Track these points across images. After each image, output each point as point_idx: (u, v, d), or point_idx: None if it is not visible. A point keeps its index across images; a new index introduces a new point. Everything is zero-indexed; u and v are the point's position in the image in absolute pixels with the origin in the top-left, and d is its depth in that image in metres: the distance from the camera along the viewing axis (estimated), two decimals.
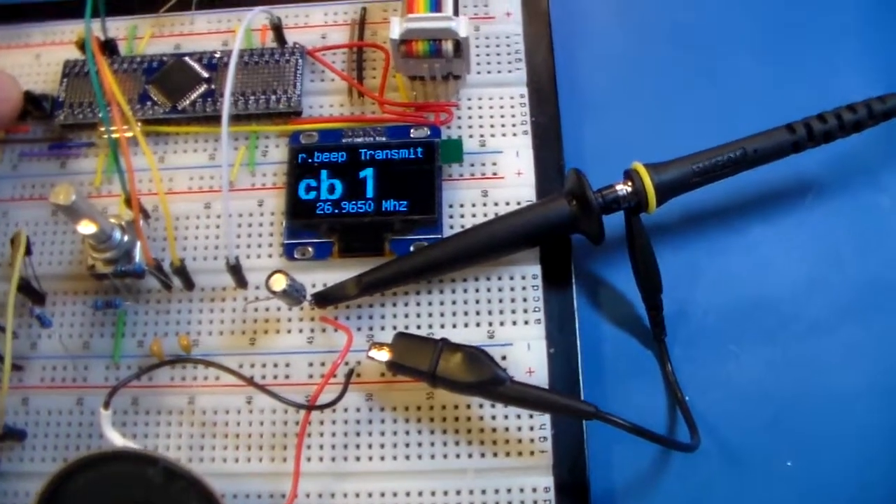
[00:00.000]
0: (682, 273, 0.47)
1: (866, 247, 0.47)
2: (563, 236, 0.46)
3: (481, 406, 0.43)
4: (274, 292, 0.41)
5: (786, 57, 0.52)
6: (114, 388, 0.41)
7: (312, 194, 0.46)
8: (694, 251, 0.48)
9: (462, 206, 0.47)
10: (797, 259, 0.47)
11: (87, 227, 0.42)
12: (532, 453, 0.42)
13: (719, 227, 0.48)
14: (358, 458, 0.43)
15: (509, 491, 0.42)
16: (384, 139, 0.47)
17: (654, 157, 0.44)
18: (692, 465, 0.43)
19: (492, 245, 0.44)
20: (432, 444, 0.43)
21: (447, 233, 0.46)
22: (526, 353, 0.44)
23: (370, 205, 0.45)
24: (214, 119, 0.48)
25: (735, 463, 0.44)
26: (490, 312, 0.45)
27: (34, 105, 0.49)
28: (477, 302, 0.45)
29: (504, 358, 0.44)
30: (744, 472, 0.43)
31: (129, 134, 0.45)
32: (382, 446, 0.43)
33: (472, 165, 0.48)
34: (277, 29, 0.49)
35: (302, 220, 0.46)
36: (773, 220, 0.48)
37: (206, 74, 0.49)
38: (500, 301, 0.45)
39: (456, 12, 0.44)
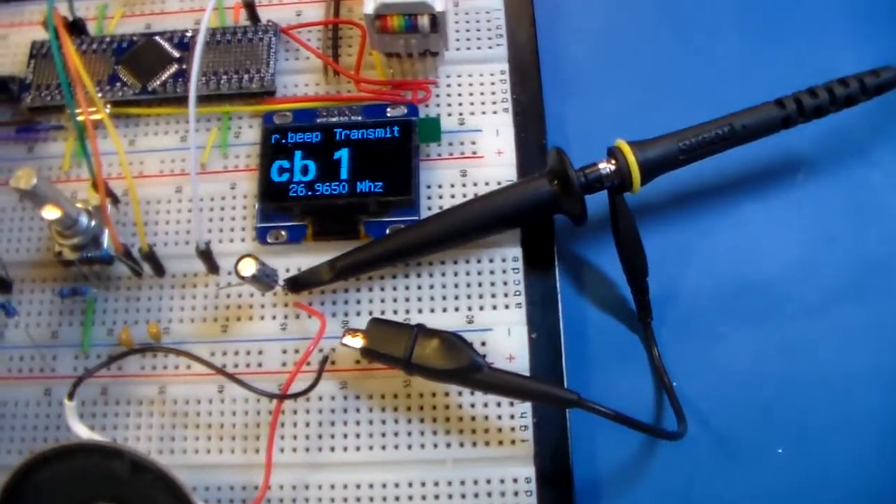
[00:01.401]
0: (670, 254, 0.46)
1: (859, 225, 0.46)
2: (545, 217, 0.45)
3: (460, 394, 0.42)
4: (243, 277, 0.40)
5: (776, 31, 0.51)
6: (79, 379, 0.40)
7: (285, 176, 0.44)
8: (682, 231, 0.47)
9: (440, 186, 0.45)
10: (789, 238, 0.46)
11: (51, 213, 0.41)
12: (513, 442, 0.41)
13: (708, 206, 0.47)
14: (332, 449, 0.42)
15: (489, 482, 0.40)
16: (360, 118, 0.46)
17: (641, 135, 0.43)
18: (680, 452, 0.42)
19: (471, 227, 0.43)
20: (409, 434, 0.41)
21: (425, 214, 0.45)
22: (506, 338, 0.43)
23: (345, 186, 0.44)
24: (186, 100, 0.45)
25: (724, 450, 0.42)
26: (469, 297, 0.43)
27: (1, 88, 0.48)
28: (455, 286, 0.44)
29: (483, 344, 0.42)
30: (733, 459, 0.42)
31: (98, 116, 0.44)
32: (358, 436, 0.42)
33: (451, 145, 0.46)
34: (250, 6, 0.48)
35: (275, 202, 0.44)
36: (764, 199, 0.47)
37: (177, 54, 0.48)
38: (480, 285, 0.44)
39: None
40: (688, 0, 0.52)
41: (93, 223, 0.43)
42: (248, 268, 0.39)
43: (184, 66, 0.48)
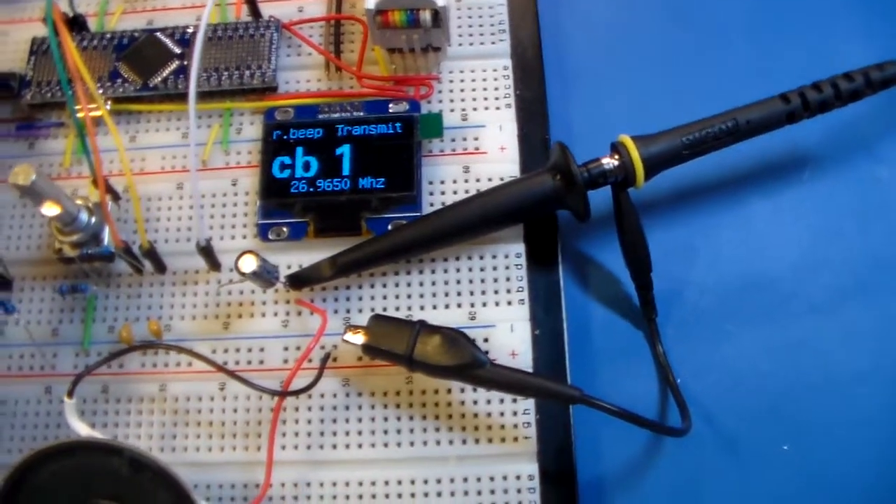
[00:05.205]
0: (675, 250, 0.45)
1: (867, 221, 0.46)
2: (548, 213, 0.44)
3: (463, 391, 0.41)
4: (244, 274, 0.39)
5: (783, 25, 0.50)
6: (78, 377, 0.39)
7: (287, 172, 0.44)
8: (687, 227, 0.46)
9: (442, 182, 0.45)
10: (795, 235, 0.46)
11: (50, 209, 0.40)
12: (516, 439, 0.41)
13: (713, 202, 0.47)
14: (334, 446, 0.41)
15: (492, 479, 0.40)
16: (362, 114, 0.45)
17: (645, 130, 0.42)
18: (684, 449, 0.42)
19: (473, 222, 0.43)
20: (412, 431, 0.41)
21: (427, 210, 0.44)
22: (509, 335, 0.42)
23: (346, 182, 0.44)
24: (186, 96, 0.45)
25: (729, 447, 0.42)
26: (472, 293, 0.43)
27: (0, 85, 0.48)
28: (458, 282, 0.43)
29: (486, 340, 0.42)
30: (738, 456, 0.42)
31: (98, 113, 0.44)
32: (360, 433, 0.41)
33: (454, 140, 0.46)
34: (252, 2, 0.48)
35: (276, 199, 0.44)
36: (770, 195, 0.47)
37: (178, 50, 0.48)
38: (482, 281, 0.43)
39: None
40: None
41: (93, 220, 0.43)
42: (249, 264, 0.39)
43: (185, 62, 0.48)
